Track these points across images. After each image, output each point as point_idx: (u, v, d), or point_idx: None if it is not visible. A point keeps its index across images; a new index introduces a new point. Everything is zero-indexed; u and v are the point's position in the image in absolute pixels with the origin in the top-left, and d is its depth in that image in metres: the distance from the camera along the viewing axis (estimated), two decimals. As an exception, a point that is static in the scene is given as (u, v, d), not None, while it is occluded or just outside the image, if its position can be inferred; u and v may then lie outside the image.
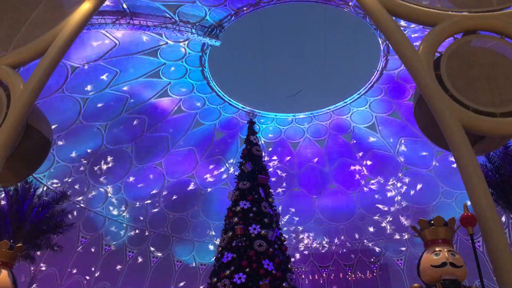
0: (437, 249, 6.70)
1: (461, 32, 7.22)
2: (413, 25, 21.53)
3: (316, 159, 34.71)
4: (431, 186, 31.71)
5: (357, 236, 34.55)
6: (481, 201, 5.97)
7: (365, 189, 34.19)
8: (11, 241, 16.38)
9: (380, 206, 33.71)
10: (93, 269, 29.94)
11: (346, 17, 28.30)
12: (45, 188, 26.23)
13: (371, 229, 34.16)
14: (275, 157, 34.56)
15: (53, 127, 10.55)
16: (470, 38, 7.12)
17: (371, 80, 29.26)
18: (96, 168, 29.50)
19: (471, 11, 7.24)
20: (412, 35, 22.55)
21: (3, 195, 22.76)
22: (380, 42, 26.46)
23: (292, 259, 24.67)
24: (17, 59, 7.64)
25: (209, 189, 34.24)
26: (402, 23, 20.10)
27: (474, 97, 6.54)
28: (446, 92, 6.61)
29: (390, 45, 18.76)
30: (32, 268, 25.82)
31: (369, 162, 33.61)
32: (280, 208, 24.68)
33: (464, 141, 6.22)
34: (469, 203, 6.57)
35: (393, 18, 7.75)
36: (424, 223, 7.08)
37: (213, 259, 17.64)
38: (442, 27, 7.16)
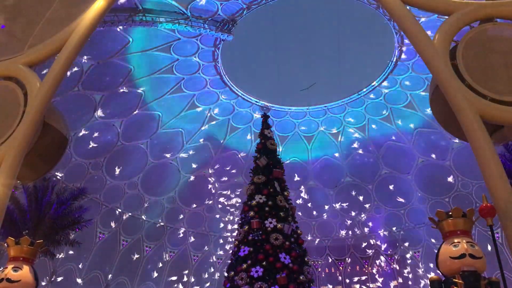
0: (455, 240, 6.61)
1: (478, 21, 7.10)
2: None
3: (330, 152, 34.58)
4: (448, 177, 31.36)
5: (373, 229, 34.42)
6: (500, 191, 5.88)
7: (380, 181, 33.96)
8: (31, 237, 16.61)
9: (396, 198, 33.47)
10: (111, 264, 30.34)
11: (359, 8, 27.97)
12: (63, 185, 26.58)
13: (388, 221, 33.98)
14: (289, 150, 34.52)
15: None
16: (487, 26, 6.99)
17: (385, 71, 29.00)
18: (112, 164, 29.81)
19: (487, -2, 7.11)
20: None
21: (22, 192, 23.10)
22: (394, 32, 26.18)
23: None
24: (33, 57, 7.72)
25: (224, 184, 34.44)
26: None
27: (491, 86, 6.42)
28: (463, 81, 6.51)
29: (404, 35, 18.59)
30: (51, 264, 26.25)
31: (384, 154, 33.37)
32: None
33: (482, 131, 6.12)
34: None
35: (407, 7, 7.66)
36: (442, 214, 6.99)
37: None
38: (458, 15, 7.04)
